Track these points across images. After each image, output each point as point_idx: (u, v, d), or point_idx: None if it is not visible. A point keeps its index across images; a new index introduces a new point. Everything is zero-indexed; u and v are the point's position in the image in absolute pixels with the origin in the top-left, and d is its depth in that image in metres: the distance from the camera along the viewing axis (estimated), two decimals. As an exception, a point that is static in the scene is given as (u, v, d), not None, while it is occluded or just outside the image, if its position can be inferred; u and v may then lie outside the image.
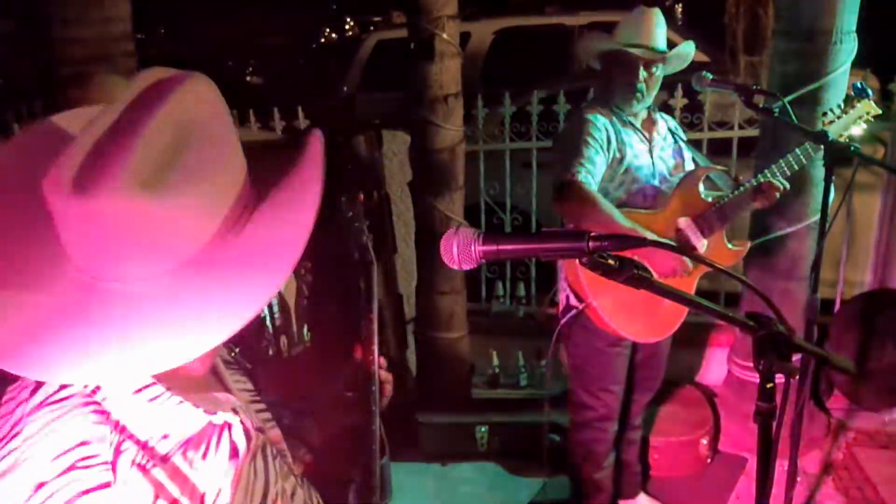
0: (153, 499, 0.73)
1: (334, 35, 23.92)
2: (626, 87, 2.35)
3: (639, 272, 0.96)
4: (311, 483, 1.10)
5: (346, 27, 24.29)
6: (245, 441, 0.84)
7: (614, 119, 2.39)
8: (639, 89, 2.34)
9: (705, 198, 2.37)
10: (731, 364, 3.37)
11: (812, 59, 2.74)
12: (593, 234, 0.92)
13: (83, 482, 0.70)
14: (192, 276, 0.72)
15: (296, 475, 1.00)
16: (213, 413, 0.81)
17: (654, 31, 2.32)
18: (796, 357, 1.04)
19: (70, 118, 0.80)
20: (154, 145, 0.69)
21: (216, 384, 0.93)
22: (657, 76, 2.36)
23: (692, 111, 3.36)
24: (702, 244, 2.33)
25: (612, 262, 0.95)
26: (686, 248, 2.27)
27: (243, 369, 1.04)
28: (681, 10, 15.30)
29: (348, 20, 24.41)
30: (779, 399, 1.05)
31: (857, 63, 2.80)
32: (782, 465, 2.43)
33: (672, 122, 2.61)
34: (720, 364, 3.51)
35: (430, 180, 3.18)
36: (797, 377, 1.11)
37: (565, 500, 2.82)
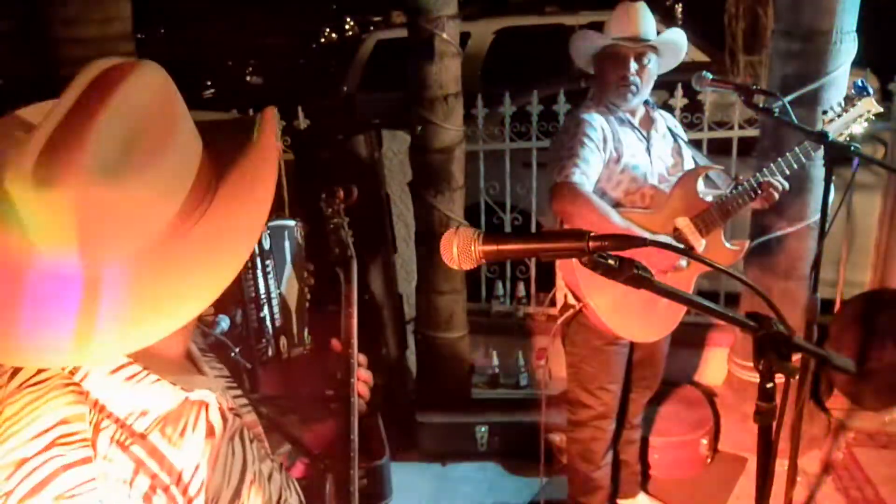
0: (133, 474, 0.74)
1: (334, 35, 23.90)
2: (620, 81, 2.35)
3: (639, 272, 0.96)
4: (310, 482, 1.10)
5: (346, 27, 24.28)
6: (221, 421, 0.85)
7: (611, 118, 2.38)
8: (632, 82, 2.33)
9: (704, 197, 2.37)
10: (731, 364, 3.37)
11: (812, 59, 2.74)
12: (593, 233, 0.92)
13: (64, 458, 0.71)
14: (161, 254, 0.74)
15: (272, 460, 1.01)
16: (190, 391, 0.82)
17: (640, 23, 2.32)
18: (796, 357, 1.04)
19: (34, 111, 0.82)
20: (110, 132, 0.71)
21: (192, 369, 0.95)
22: (650, 68, 2.35)
23: (692, 111, 3.36)
24: (700, 244, 2.33)
25: (612, 261, 0.95)
26: (684, 247, 2.27)
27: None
28: (680, 9, 15.29)
29: (348, 20, 24.41)
30: (779, 399, 1.06)
31: (857, 63, 2.80)
32: (782, 465, 2.44)
33: (671, 121, 2.61)
34: (720, 364, 3.52)
35: (430, 180, 3.18)
36: (797, 377, 1.11)
37: (564, 499, 2.82)
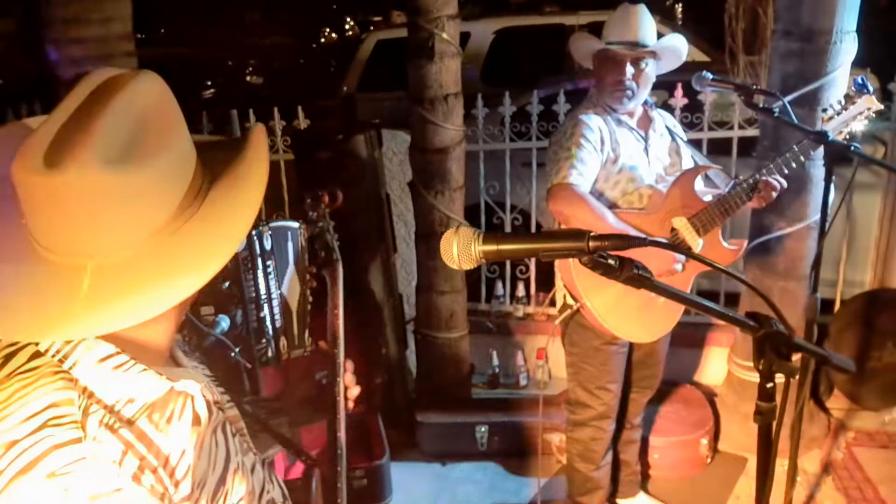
0: (121, 455, 0.76)
1: (334, 35, 23.89)
2: (615, 85, 2.33)
3: (639, 272, 0.96)
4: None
5: (346, 27, 24.28)
6: (206, 412, 0.88)
7: (609, 119, 2.38)
8: (628, 86, 2.32)
9: (702, 196, 2.36)
10: (731, 364, 3.37)
11: (812, 59, 2.74)
12: (593, 233, 0.92)
13: (54, 438, 0.73)
14: (155, 246, 0.78)
15: (255, 454, 1.03)
16: (176, 381, 0.85)
17: (638, 26, 2.30)
18: (796, 357, 1.04)
19: (40, 120, 0.85)
20: (114, 128, 0.75)
21: (175, 366, 0.97)
22: (647, 72, 2.33)
23: (692, 111, 3.36)
24: (697, 244, 2.32)
25: (612, 261, 0.95)
26: (682, 247, 2.26)
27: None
28: (680, 9, 15.29)
29: (348, 20, 24.41)
30: (779, 399, 1.06)
31: (857, 63, 2.80)
32: (782, 465, 2.44)
33: (670, 120, 2.60)
34: (720, 364, 3.52)
35: (430, 180, 3.18)
36: (797, 377, 1.11)
37: (564, 499, 2.82)
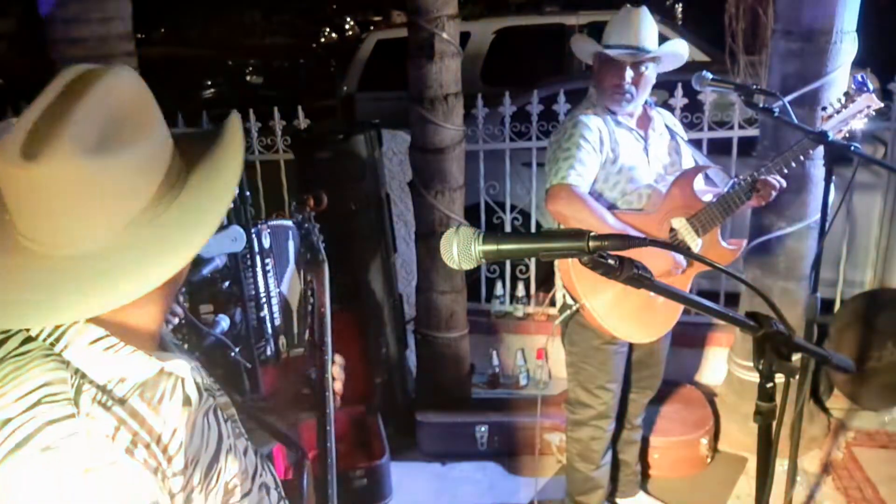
0: (114, 431, 0.77)
1: (334, 35, 23.91)
2: (614, 89, 2.33)
3: (639, 272, 0.96)
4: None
5: (346, 27, 24.29)
6: (197, 394, 0.89)
7: (608, 119, 2.37)
8: (627, 90, 2.32)
9: (701, 196, 2.36)
10: (731, 364, 3.37)
11: (812, 59, 2.74)
12: (593, 234, 0.92)
13: (49, 414, 0.74)
14: (134, 232, 0.79)
15: (247, 439, 1.04)
16: (166, 362, 0.86)
17: (639, 31, 2.29)
18: (796, 357, 1.04)
19: None
20: (90, 119, 0.77)
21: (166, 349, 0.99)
22: (647, 75, 2.32)
23: (692, 111, 3.36)
24: (696, 244, 2.32)
25: (612, 261, 0.95)
26: (681, 248, 2.26)
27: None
28: (680, 9, 15.30)
29: (348, 20, 24.42)
30: (779, 399, 1.06)
31: (858, 63, 2.80)
32: (782, 465, 2.44)
33: (670, 119, 2.60)
34: (720, 364, 3.52)
35: (430, 180, 3.18)
36: (797, 377, 1.11)
37: (564, 499, 2.82)
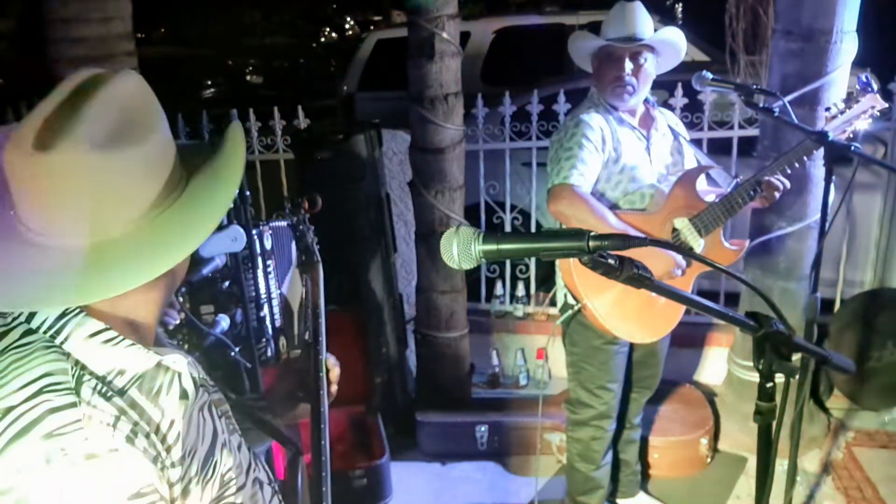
0: (115, 419, 0.78)
1: (334, 35, 23.92)
2: (615, 81, 2.33)
3: (639, 272, 0.96)
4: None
5: (346, 27, 24.30)
6: (193, 388, 0.90)
7: (610, 118, 2.38)
8: (628, 82, 2.32)
9: (704, 196, 2.36)
10: (731, 364, 3.37)
11: (812, 59, 2.74)
12: (593, 233, 0.92)
13: (50, 402, 0.76)
14: (140, 228, 0.82)
15: (241, 436, 1.05)
16: (163, 356, 0.88)
17: (634, 22, 2.31)
18: (796, 357, 1.04)
19: None
20: (101, 116, 0.79)
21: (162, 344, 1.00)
22: (646, 67, 2.33)
23: (692, 111, 3.36)
24: (699, 244, 2.32)
25: (612, 261, 0.95)
26: (682, 248, 2.26)
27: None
28: (680, 9, 15.31)
29: (348, 20, 24.43)
30: (779, 399, 1.06)
31: (858, 63, 2.80)
32: (782, 465, 2.44)
33: (672, 118, 2.60)
34: (720, 364, 3.52)
35: (430, 180, 3.18)
36: (797, 377, 1.11)
37: (564, 499, 2.82)
